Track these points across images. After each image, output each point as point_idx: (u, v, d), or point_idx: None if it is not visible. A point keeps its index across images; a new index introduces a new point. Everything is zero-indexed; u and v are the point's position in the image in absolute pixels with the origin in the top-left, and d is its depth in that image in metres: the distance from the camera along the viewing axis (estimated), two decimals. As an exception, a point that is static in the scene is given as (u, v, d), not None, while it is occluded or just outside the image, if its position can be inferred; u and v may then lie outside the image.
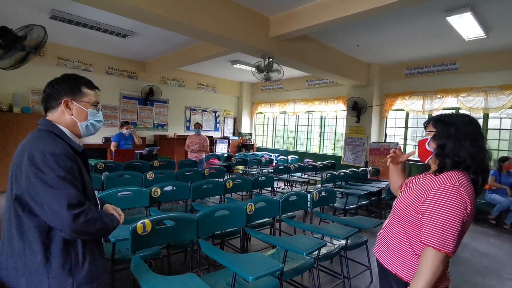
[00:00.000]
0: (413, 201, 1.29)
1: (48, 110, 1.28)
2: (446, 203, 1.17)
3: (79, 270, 1.15)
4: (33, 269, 1.10)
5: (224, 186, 3.62)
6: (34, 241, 1.10)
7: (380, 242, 1.46)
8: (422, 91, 6.72)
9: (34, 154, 1.08)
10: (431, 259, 1.15)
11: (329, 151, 9.05)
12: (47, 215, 1.06)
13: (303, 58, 5.56)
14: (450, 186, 1.19)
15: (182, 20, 3.83)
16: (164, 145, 8.44)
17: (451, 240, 1.15)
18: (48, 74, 6.59)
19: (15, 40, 2.69)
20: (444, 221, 1.16)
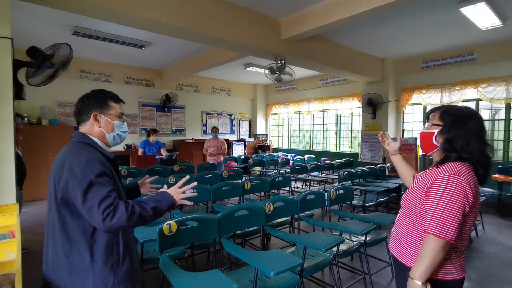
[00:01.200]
0: (418, 194, 1.32)
1: (80, 123, 1.41)
2: (446, 192, 1.20)
3: (120, 268, 1.28)
4: (80, 267, 1.23)
5: (243, 187, 3.72)
6: (79, 242, 1.23)
7: (393, 236, 1.50)
8: (439, 84, 6.59)
9: (73, 162, 1.21)
10: (431, 246, 1.19)
11: (346, 149, 9.00)
12: (86, 215, 1.18)
13: (315, 58, 5.59)
14: (449, 176, 1.23)
15: (195, 29, 3.98)
16: (183, 149, 8.67)
17: (451, 227, 1.18)
18: (72, 86, 7.01)
19: (44, 58, 2.91)
20: (443, 209, 1.19)
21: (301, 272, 2.19)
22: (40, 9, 4.20)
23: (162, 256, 1.94)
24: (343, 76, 8.00)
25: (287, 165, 7.60)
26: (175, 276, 1.64)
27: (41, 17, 4.65)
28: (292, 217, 3.12)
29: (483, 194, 4.25)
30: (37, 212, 5.41)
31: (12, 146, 2.58)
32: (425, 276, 1.20)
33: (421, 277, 1.20)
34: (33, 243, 3.82)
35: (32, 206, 5.77)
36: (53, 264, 1.28)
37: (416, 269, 1.22)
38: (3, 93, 2.54)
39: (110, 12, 3.44)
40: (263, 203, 2.68)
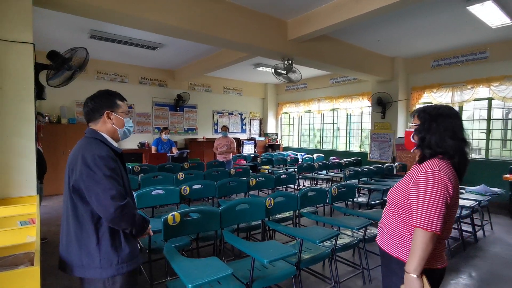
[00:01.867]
0: (403, 189, 1.43)
1: (91, 121, 1.57)
2: (428, 187, 1.30)
3: (122, 250, 1.44)
4: (89, 248, 1.39)
5: (248, 184, 3.85)
6: (88, 226, 1.40)
7: (380, 230, 1.59)
8: (451, 83, 6.51)
9: (86, 157, 1.37)
10: (420, 239, 1.28)
11: (356, 149, 8.98)
12: (95, 205, 1.35)
13: (323, 58, 5.66)
14: (430, 171, 1.32)
15: (205, 32, 4.14)
16: (194, 148, 8.89)
17: (436, 219, 1.27)
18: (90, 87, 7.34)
19: (63, 61, 3.13)
20: (428, 202, 1.28)
21: (298, 263, 2.31)
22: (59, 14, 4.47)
23: (166, 244, 2.09)
24: (353, 76, 7.99)
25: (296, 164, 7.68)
26: (176, 261, 1.79)
27: (60, 21, 4.93)
28: (294, 212, 3.23)
29: (489, 193, 4.22)
30: (56, 205, 5.73)
31: (33, 142, 2.81)
32: (419, 268, 1.28)
33: (416, 270, 1.28)
34: (52, 234, 4.09)
35: (51, 200, 6.11)
36: (66, 245, 1.45)
37: (410, 264, 1.30)
38: (26, 93, 2.77)
39: (124, 17, 3.65)
40: (264, 198, 2.80)
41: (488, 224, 4.58)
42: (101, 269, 1.38)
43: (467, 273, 3.14)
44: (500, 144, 6.33)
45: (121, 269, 1.41)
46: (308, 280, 2.88)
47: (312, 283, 2.85)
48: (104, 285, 1.40)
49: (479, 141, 6.62)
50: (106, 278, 1.39)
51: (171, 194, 3.18)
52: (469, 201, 3.76)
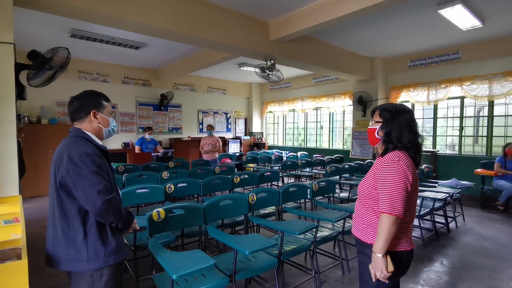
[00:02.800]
0: (370, 181, 1.58)
1: (76, 120, 1.62)
2: (391, 175, 1.46)
3: (109, 243, 1.51)
4: (76, 242, 1.45)
5: (232, 181, 3.94)
6: (75, 220, 1.46)
7: (354, 221, 1.72)
8: (426, 82, 6.81)
9: (72, 154, 1.43)
10: (385, 222, 1.43)
11: (339, 146, 9.22)
12: (82, 199, 1.41)
13: (305, 58, 5.81)
14: (392, 162, 1.48)
15: (188, 32, 4.20)
16: (179, 147, 8.89)
17: (399, 204, 1.42)
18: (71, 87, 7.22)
19: (44, 61, 3.12)
20: (391, 189, 1.44)
21: (279, 255, 2.42)
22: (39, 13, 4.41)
23: (151, 240, 2.16)
24: (334, 75, 8.21)
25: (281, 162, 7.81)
26: (161, 254, 1.87)
27: (40, 20, 4.85)
28: (277, 208, 3.34)
29: (460, 187, 4.48)
30: (37, 207, 5.63)
31: (15, 142, 2.80)
32: (384, 249, 1.43)
33: (381, 250, 1.43)
34: (34, 236, 4.05)
35: (33, 202, 5.99)
36: (53, 241, 1.50)
37: (376, 245, 1.45)
38: (6, 94, 2.75)
39: (106, 18, 3.66)
40: (247, 194, 2.90)
41: (460, 216, 4.85)
42: (88, 262, 1.44)
43: (439, 261, 3.35)
44: (472, 140, 6.68)
45: (108, 261, 1.47)
46: (290, 272, 3.01)
47: (293, 274, 2.97)
48: (91, 277, 1.46)
49: (452, 137, 6.96)
50: (94, 270, 1.45)
51: (155, 192, 3.23)
52: (442, 193, 3.99)
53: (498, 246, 3.78)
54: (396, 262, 1.48)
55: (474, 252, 3.59)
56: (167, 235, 2.76)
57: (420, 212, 3.75)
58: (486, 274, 3.04)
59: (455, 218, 4.64)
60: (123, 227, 1.55)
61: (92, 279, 1.47)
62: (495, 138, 6.20)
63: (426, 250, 3.62)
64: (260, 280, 2.82)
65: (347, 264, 3.06)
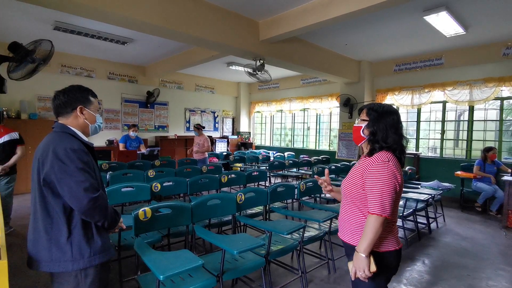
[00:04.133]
0: (357, 181, 1.56)
1: (61, 115, 1.56)
2: (380, 176, 1.46)
3: (95, 243, 1.46)
4: (60, 241, 1.40)
5: (220, 181, 3.91)
6: (59, 219, 1.41)
7: (341, 224, 1.70)
8: (410, 86, 6.98)
9: (58, 150, 1.38)
10: (373, 223, 1.43)
11: (325, 147, 9.33)
12: (67, 197, 1.36)
13: (293, 59, 5.84)
14: (381, 163, 1.48)
15: (176, 28, 4.13)
16: (165, 146, 8.76)
17: (388, 206, 1.43)
18: (53, 81, 6.99)
19: (26, 53, 3.00)
20: (381, 191, 1.44)
21: (267, 255, 2.42)
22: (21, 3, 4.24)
23: (137, 239, 2.11)
24: (322, 77, 8.30)
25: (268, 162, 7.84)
26: (147, 254, 1.83)
27: (22, 11, 4.67)
28: (265, 208, 3.34)
29: (442, 188, 4.62)
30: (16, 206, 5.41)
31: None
32: (368, 249, 1.43)
33: (365, 250, 1.43)
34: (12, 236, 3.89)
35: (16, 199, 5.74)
36: (34, 241, 1.44)
37: (361, 244, 1.45)
38: (-16, 86, 2.63)
39: (91, 10, 3.55)
40: (235, 194, 2.89)
41: (441, 217, 5.00)
42: (73, 262, 1.39)
43: (421, 260, 3.44)
44: (453, 143, 6.91)
45: (93, 261, 1.43)
46: (277, 272, 3.01)
47: (280, 274, 2.98)
48: (76, 278, 1.41)
49: (435, 141, 7.17)
50: (79, 271, 1.41)
51: (141, 191, 3.17)
52: (424, 195, 4.10)
53: (477, 246, 3.91)
54: (383, 262, 1.49)
55: (454, 252, 3.71)
56: (152, 234, 2.71)
57: (404, 212, 3.84)
58: (466, 273, 3.14)
59: (436, 219, 4.78)
60: (110, 226, 1.51)
61: (77, 279, 1.42)
62: (474, 142, 6.44)
63: (409, 250, 3.71)
64: (247, 280, 2.82)
65: (333, 264, 3.10)
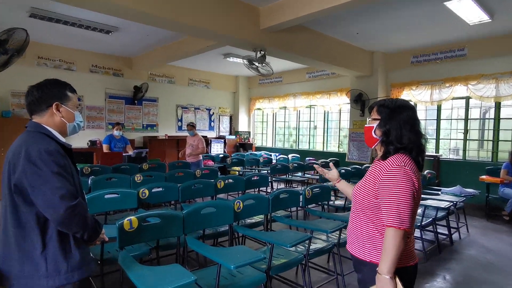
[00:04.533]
0: (369, 189, 1.53)
1: (35, 113, 1.54)
2: (397, 184, 1.43)
3: (72, 257, 1.45)
4: (33, 255, 1.38)
5: (215, 186, 3.90)
6: (32, 230, 1.39)
7: (349, 235, 1.67)
8: (429, 80, 6.97)
9: (31, 152, 1.36)
10: (393, 238, 1.39)
11: (334, 149, 9.32)
12: (41, 205, 1.35)
13: (298, 50, 5.84)
14: (397, 168, 1.45)
15: (166, 16, 4.13)
16: (155, 147, 8.75)
17: (407, 217, 1.39)
18: (28, 74, 6.99)
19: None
20: (398, 200, 1.41)
21: (268, 270, 2.40)
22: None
23: (121, 252, 2.09)
24: (330, 70, 8.30)
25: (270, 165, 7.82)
26: (133, 270, 1.81)
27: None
28: (266, 217, 3.33)
29: (465, 195, 4.60)
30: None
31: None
32: (392, 269, 1.39)
33: (389, 271, 1.38)
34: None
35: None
36: (4, 255, 1.42)
37: (383, 265, 1.40)
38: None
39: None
40: (232, 201, 2.87)
41: (464, 226, 4.98)
42: (47, 278, 1.37)
43: (441, 276, 3.42)
44: (477, 144, 6.89)
45: (71, 278, 1.41)
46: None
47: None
48: (51, 296, 1.40)
49: (457, 141, 7.15)
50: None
51: (127, 198, 3.15)
52: (445, 202, 4.08)
53: (504, 259, 3.89)
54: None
55: (478, 266, 3.68)
56: (139, 247, 2.69)
57: (422, 222, 3.83)
58: (492, 291, 3.12)
59: (458, 229, 4.76)
60: (90, 238, 1.49)
61: (52, 298, 1.40)
62: (501, 143, 6.41)
63: (428, 263, 3.69)
64: (246, 298, 2.79)
65: (343, 279, 3.07)
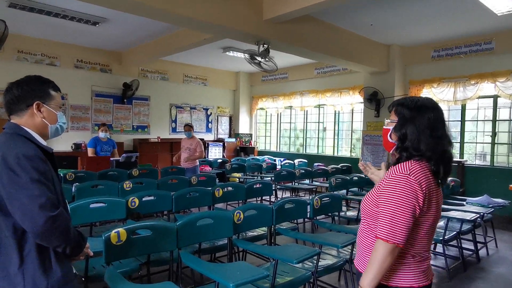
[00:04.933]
0: (374, 197, 1.52)
1: (15, 113, 1.56)
2: (395, 193, 1.40)
3: (53, 273, 1.45)
4: (9, 271, 1.39)
5: (213, 195, 3.91)
6: (8, 243, 1.39)
7: (358, 249, 1.66)
8: (453, 77, 6.95)
9: (7, 157, 1.37)
10: (380, 251, 1.39)
11: (346, 153, 9.31)
12: (18, 216, 1.35)
13: (306, 43, 5.86)
14: (399, 176, 1.42)
15: (159, 6, 4.16)
16: (146, 150, 8.79)
17: (399, 231, 1.36)
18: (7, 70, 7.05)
19: (-27, 36, 3.03)
20: (393, 212, 1.38)
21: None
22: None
23: (108, 269, 2.10)
24: (341, 65, 8.31)
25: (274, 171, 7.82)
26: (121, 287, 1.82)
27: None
28: (269, 229, 3.33)
29: (493, 205, 4.58)
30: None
31: None
32: (373, 283, 1.40)
33: (369, 284, 1.40)
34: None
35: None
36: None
37: (365, 277, 1.41)
38: None
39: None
40: (231, 211, 2.87)
41: (493, 241, 4.95)
42: (25, 297, 1.38)
43: (466, 297, 3.40)
44: (507, 148, 6.85)
45: (51, 296, 1.42)
46: (284, 310, 2.98)
47: (289, 313, 2.95)
48: (29, 317, 1.40)
49: (483, 145, 7.12)
50: (33, 309, 1.40)
51: (115, 207, 3.17)
52: (470, 213, 4.06)
53: (538, 279, 3.87)
54: None
55: (509, 287, 3.66)
56: (128, 262, 2.69)
57: (445, 236, 3.81)
58: (524, 314, 3.10)
59: (486, 244, 4.72)
60: (72, 252, 1.50)
61: (30, 319, 1.41)
62: (534, 147, 6.38)
63: (451, 283, 3.67)
64: (246, 320, 2.79)
65: (355, 300, 3.06)
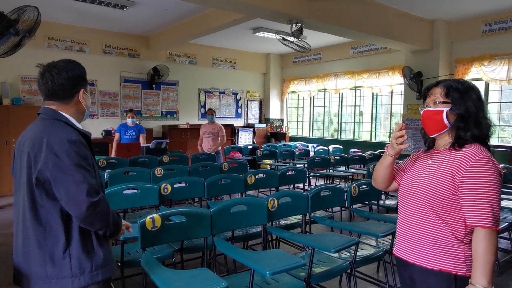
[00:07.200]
0: (446, 183, 1.49)
1: (58, 99, 1.59)
2: (487, 177, 1.42)
3: (96, 255, 1.55)
4: (57, 254, 1.48)
5: (245, 182, 3.96)
6: (55, 227, 1.49)
7: (409, 242, 1.63)
8: (506, 53, 6.59)
9: (52, 141, 1.45)
10: (490, 241, 1.38)
11: (384, 138, 9.11)
12: (64, 200, 1.44)
13: (341, 21, 5.74)
14: (485, 158, 1.44)
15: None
16: (175, 137, 9.00)
17: (499, 215, 1.40)
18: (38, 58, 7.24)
19: (8, 24, 3.19)
20: (491, 196, 1.40)
21: (308, 278, 2.43)
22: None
23: (144, 254, 2.20)
24: (380, 44, 8.06)
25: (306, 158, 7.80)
26: (157, 273, 1.90)
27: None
28: (303, 217, 3.35)
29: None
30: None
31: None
32: (492, 279, 1.37)
33: (490, 282, 1.37)
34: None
35: None
36: (24, 253, 1.54)
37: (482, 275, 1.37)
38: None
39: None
40: (265, 198, 2.91)
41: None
42: (72, 278, 1.47)
43: (519, 293, 3.30)
44: None
45: (95, 277, 1.51)
46: (320, 300, 3.02)
47: (325, 303, 2.98)
48: (75, 297, 1.50)
49: (541, 129, 6.75)
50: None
51: (147, 193, 3.28)
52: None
53: None
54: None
55: None
56: (162, 249, 2.81)
57: (495, 227, 3.68)
58: None
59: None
60: (112, 233, 1.59)
61: (76, 299, 1.51)
62: None
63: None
64: (282, 309, 2.85)
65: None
